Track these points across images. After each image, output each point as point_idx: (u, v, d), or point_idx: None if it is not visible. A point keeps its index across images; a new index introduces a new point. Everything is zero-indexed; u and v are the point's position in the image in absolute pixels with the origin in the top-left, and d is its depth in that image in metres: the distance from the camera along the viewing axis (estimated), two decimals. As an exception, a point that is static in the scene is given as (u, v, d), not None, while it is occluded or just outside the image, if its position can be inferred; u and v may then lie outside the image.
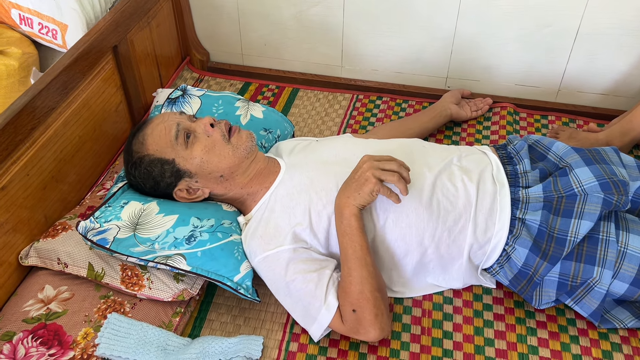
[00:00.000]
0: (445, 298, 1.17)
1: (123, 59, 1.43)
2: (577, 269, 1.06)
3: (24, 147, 1.12)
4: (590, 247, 1.06)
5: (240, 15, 1.75)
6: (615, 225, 1.07)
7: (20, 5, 1.44)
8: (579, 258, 1.06)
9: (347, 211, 1.04)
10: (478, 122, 1.60)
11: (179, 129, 1.12)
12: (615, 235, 1.05)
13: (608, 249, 1.05)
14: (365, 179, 1.03)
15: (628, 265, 1.04)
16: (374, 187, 1.02)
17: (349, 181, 1.06)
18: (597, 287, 1.05)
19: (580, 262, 1.06)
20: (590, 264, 1.05)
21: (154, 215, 1.11)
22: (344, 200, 1.05)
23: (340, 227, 1.05)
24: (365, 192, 1.03)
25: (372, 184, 1.02)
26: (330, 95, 1.74)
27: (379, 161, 1.05)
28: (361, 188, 1.03)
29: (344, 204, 1.05)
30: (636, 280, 1.04)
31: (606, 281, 1.04)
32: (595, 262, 1.05)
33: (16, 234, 1.13)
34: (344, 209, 1.04)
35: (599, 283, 1.05)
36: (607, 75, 1.59)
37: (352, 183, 1.05)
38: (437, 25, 1.61)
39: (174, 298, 1.09)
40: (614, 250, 1.04)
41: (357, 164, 1.09)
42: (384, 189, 1.04)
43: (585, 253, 1.06)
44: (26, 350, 1.01)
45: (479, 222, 1.11)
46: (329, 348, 1.09)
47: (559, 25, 1.52)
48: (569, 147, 1.17)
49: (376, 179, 1.03)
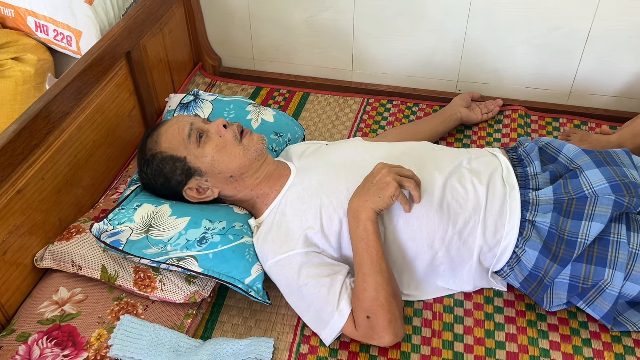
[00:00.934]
0: (456, 301, 1.17)
1: (136, 64, 1.46)
2: (587, 271, 1.05)
3: (39, 151, 1.14)
4: (600, 248, 1.05)
5: (252, 20, 1.77)
6: (627, 226, 1.06)
7: (36, 13, 1.47)
8: (589, 260, 1.05)
9: (364, 215, 1.04)
10: (489, 124, 1.59)
11: (192, 128, 1.14)
12: (626, 237, 1.04)
13: (619, 250, 1.04)
14: (386, 183, 1.05)
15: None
16: (395, 192, 1.04)
17: (366, 185, 1.07)
18: (609, 289, 1.04)
19: (591, 264, 1.05)
20: (601, 266, 1.04)
21: (167, 218, 1.12)
22: (361, 203, 1.05)
23: (355, 232, 1.06)
24: (386, 195, 1.04)
25: (393, 188, 1.04)
26: (341, 99, 1.75)
27: (395, 168, 1.08)
28: (382, 191, 1.04)
29: (361, 208, 1.05)
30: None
31: (618, 283, 1.03)
32: (606, 264, 1.04)
33: (31, 237, 1.15)
34: (361, 212, 1.05)
35: (611, 285, 1.04)
36: (619, 77, 1.58)
37: (371, 187, 1.06)
38: (447, 29, 1.61)
39: (186, 300, 1.10)
40: (625, 251, 1.04)
41: (369, 169, 1.10)
42: (402, 195, 1.06)
43: (595, 255, 1.05)
44: (41, 351, 1.02)
45: (488, 224, 1.11)
46: (340, 350, 1.09)
47: (570, 27, 1.52)
48: (579, 149, 1.16)
49: (397, 184, 1.05)
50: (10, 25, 1.53)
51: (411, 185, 1.07)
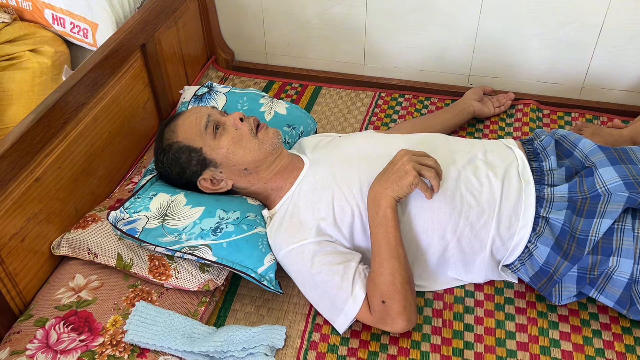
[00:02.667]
0: (466, 291, 1.18)
1: (151, 57, 1.47)
2: (594, 262, 1.05)
3: (56, 141, 1.16)
4: (605, 239, 1.05)
5: (265, 14, 1.78)
6: (632, 216, 1.06)
7: (54, 6, 1.49)
8: (595, 251, 1.05)
9: (385, 202, 1.06)
10: (500, 119, 1.60)
11: (209, 120, 1.15)
12: (631, 224, 1.04)
13: (624, 237, 1.04)
14: (405, 172, 1.06)
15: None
16: (414, 180, 1.05)
17: (387, 173, 1.08)
18: (616, 275, 1.04)
19: (597, 255, 1.05)
20: (606, 255, 1.05)
21: (182, 207, 1.14)
22: (382, 191, 1.06)
23: (375, 219, 1.07)
24: (405, 184, 1.05)
25: (412, 177, 1.05)
26: (353, 93, 1.76)
27: (417, 156, 1.08)
28: (401, 180, 1.05)
29: (381, 195, 1.06)
30: None
31: (626, 269, 1.03)
32: (611, 253, 1.04)
33: (49, 225, 1.17)
34: (381, 200, 1.06)
35: (617, 270, 1.04)
36: (632, 72, 1.57)
37: (391, 175, 1.07)
38: (459, 23, 1.62)
39: (200, 288, 1.12)
40: (630, 237, 1.03)
41: (382, 160, 1.12)
42: (422, 183, 1.07)
43: (601, 245, 1.05)
44: (58, 336, 1.05)
45: (502, 219, 1.11)
46: (351, 339, 1.10)
47: (582, 21, 1.52)
48: (595, 145, 1.15)
49: (416, 172, 1.05)
50: (28, 18, 1.55)
51: (431, 175, 1.07)
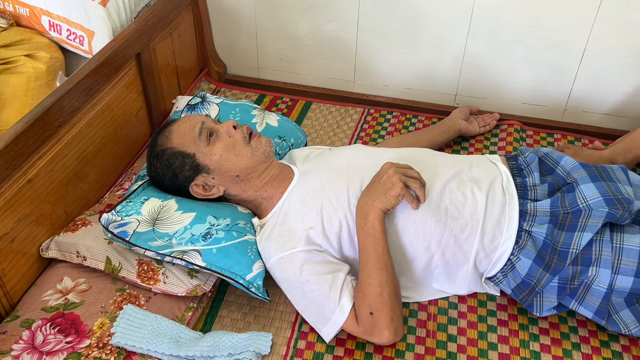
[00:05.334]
0: (450, 303, 1.20)
1: (145, 66, 1.50)
2: (574, 272, 1.08)
3: (50, 143, 1.17)
4: (585, 250, 1.08)
5: (258, 30, 1.81)
6: (610, 229, 1.10)
7: (51, 12, 1.51)
8: (575, 262, 1.08)
9: (372, 214, 1.08)
10: (485, 137, 1.64)
11: (203, 127, 1.17)
12: (609, 236, 1.08)
13: (602, 247, 1.07)
14: (392, 183, 1.09)
15: (627, 259, 1.06)
16: (401, 191, 1.08)
17: (374, 185, 1.11)
18: (595, 285, 1.07)
19: (577, 265, 1.08)
20: (586, 266, 1.08)
21: (173, 212, 1.15)
22: (370, 203, 1.09)
23: (362, 230, 1.09)
24: (392, 195, 1.08)
25: (399, 188, 1.08)
26: (342, 109, 1.79)
27: (402, 168, 1.12)
28: (388, 192, 1.08)
29: (369, 207, 1.09)
30: (639, 272, 1.05)
31: (604, 279, 1.06)
32: (590, 263, 1.07)
33: (38, 227, 1.18)
34: (369, 211, 1.08)
35: (596, 280, 1.07)
36: (612, 96, 1.63)
37: (378, 187, 1.10)
38: (447, 44, 1.67)
39: (188, 293, 1.13)
40: (609, 248, 1.07)
41: (370, 173, 1.15)
42: (408, 194, 1.10)
43: (581, 256, 1.08)
44: (44, 337, 1.04)
45: (486, 232, 1.14)
46: (336, 347, 1.12)
47: (565, 46, 1.57)
48: (577, 163, 1.20)
49: (402, 184, 1.08)
50: (24, 23, 1.57)
51: (416, 186, 1.11)
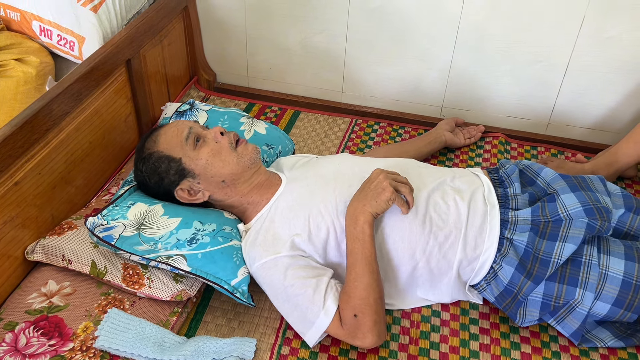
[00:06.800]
0: (433, 311, 1.22)
1: (135, 73, 1.50)
2: (560, 290, 1.11)
3: (38, 147, 1.18)
4: (573, 269, 1.11)
5: (248, 39, 1.83)
6: (598, 249, 1.12)
7: (42, 17, 1.52)
8: (562, 280, 1.11)
9: (362, 218, 1.10)
10: (470, 149, 1.66)
11: (191, 132, 1.19)
12: (597, 259, 1.10)
13: (590, 271, 1.10)
14: (382, 188, 1.11)
15: (609, 287, 1.09)
16: (392, 196, 1.10)
17: (365, 190, 1.13)
18: (579, 308, 1.10)
19: (564, 284, 1.10)
20: (573, 286, 1.10)
21: (159, 217, 1.16)
22: (360, 207, 1.11)
23: (352, 233, 1.11)
24: (383, 199, 1.10)
25: (389, 193, 1.10)
26: (330, 119, 1.81)
27: (391, 174, 1.15)
28: (379, 196, 1.10)
29: (359, 211, 1.10)
30: (618, 300, 1.08)
31: (587, 302, 1.09)
32: (577, 284, 1.10)
33: (24, 230, 1.18)
34: (359, 215, 1.10)
35: (581, 304, 1.09)
36: (594, 111, 1.67)
37: (369, 192, 1.12)
38: (434, 57, 1.69)
39: (172, 298, 1.13)
40: (596, 272, 1.09)
41: (357, 181, 1.17)
42: (398, 199, 1.12)
43: (568, 275, 1.11)
44: (27, 340, 1.04)
45: (469, 240, 1.16)
46: (320, 353, 1.12)
47: (550, 61, 1.61)
48: (556, 174, 1.23)
49: (393, 189, 1.11)
50: (15, 28, 1.57)
51: (406, 190, 1.13)
